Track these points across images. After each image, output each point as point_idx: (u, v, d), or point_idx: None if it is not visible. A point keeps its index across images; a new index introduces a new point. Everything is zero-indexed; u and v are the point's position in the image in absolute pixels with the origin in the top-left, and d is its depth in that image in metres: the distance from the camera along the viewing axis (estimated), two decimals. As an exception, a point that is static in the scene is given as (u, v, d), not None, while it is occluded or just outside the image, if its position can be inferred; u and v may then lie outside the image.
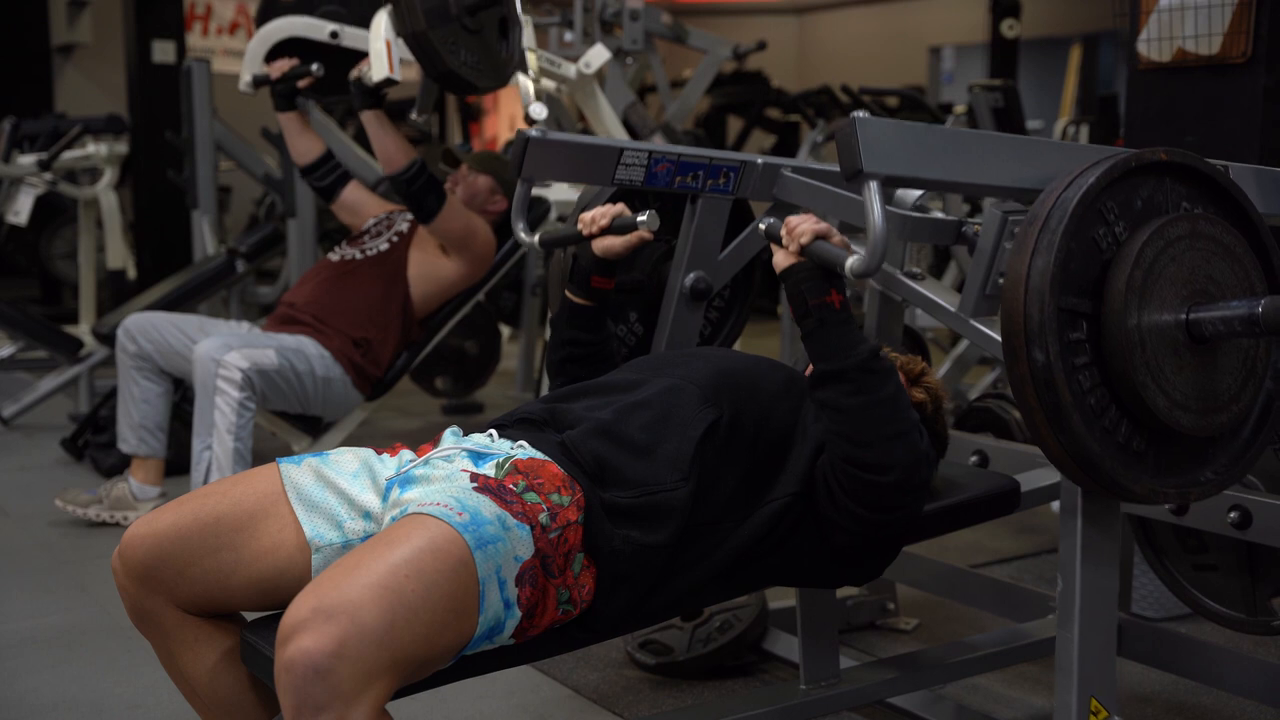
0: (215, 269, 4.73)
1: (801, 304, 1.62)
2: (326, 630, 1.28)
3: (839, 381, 1.59)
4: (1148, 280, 1.53)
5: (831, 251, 1.60)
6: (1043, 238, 1.51)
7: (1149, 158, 1.59)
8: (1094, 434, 1.51)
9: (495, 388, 5.51)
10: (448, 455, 1.59)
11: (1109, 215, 1.55)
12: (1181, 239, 1.56)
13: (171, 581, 1.52)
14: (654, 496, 1.58)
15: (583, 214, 1.97)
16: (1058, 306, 1.49)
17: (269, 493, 1.56)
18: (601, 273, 1.96)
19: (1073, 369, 1.51)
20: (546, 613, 1.49)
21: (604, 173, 2.07)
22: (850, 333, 1.60)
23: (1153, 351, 1.53)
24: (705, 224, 2.17)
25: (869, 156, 1.53)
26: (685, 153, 2.09)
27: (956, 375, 4.46)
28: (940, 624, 2.85)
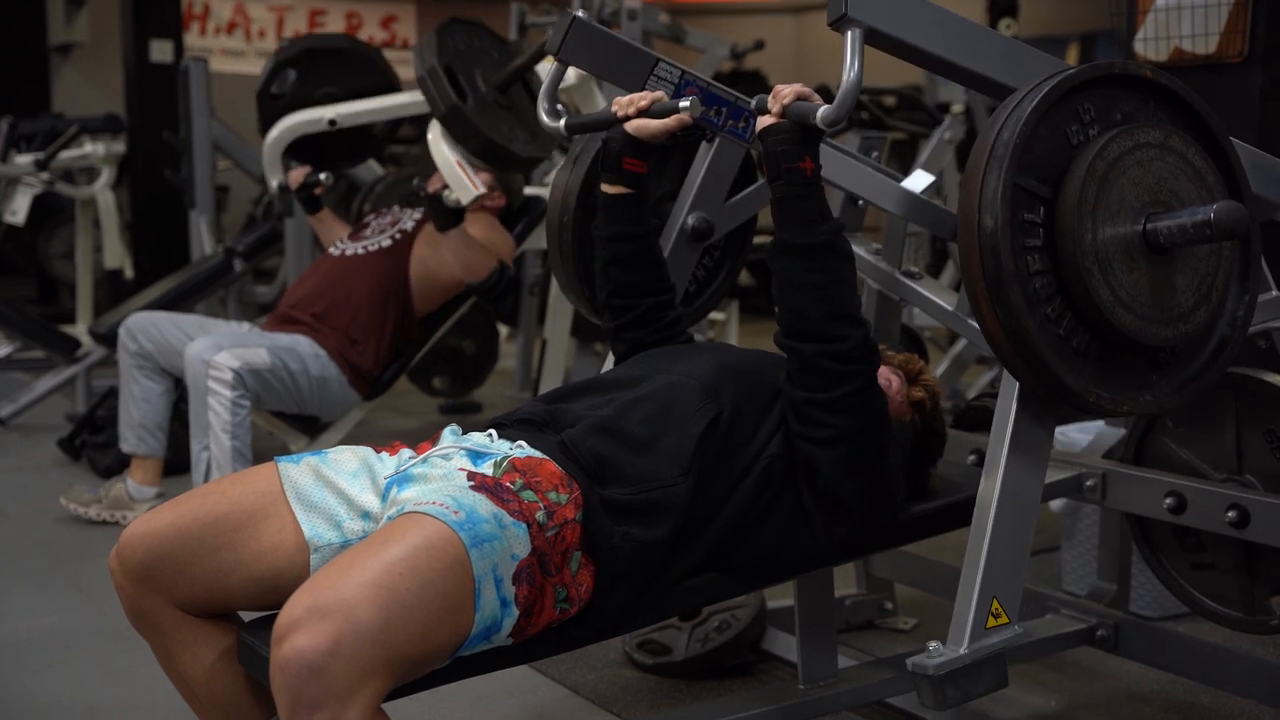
0: (213, 268, 4.73)
1: (775, 165, 1.64)
2: (321, 629, 1.27)
3: (800, 256, 1.61)
4: (1110, 174, 1.53)
5: (807, 107, 1.61)
6: (1013, 115, 1.52)
7: (1132, 70, 1.59)
8: (1034, 317, 1.51)
9: (493, 387, 5.51)
10: (446, 454, 1.59)
11: (1085, 115, 1.56)
12: (1150, 145, 1.56)
13: (170, 581, 1.52)
14: (654, 493, 1.58)
15: (617, 99, 1.90)
16: (1014, 182, 1.49)
17: (268, 492, 1.56)
18: (635, 153, 1.89)
19: (1022, 248, 1.50)
20: (544, 611, 1.49)
21: (636, 77, 2.01)
22: (816, 206, 1.62)
23: (1105, 245, 1.52)
24: (717, 165, 2.17)
25: (855, 3, 1.53)
26: (714, 85, 2.06)
27: (954, 374, 4.46)
28: (938, 623, 2.85)
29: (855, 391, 1.64)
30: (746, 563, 1.71)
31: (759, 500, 1.67)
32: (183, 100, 5.14)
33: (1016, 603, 1.68)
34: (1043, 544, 3.40)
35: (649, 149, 1.90)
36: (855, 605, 2.78)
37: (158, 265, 6.19)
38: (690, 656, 2.51)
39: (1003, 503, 1.66)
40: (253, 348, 3.32)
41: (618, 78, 2.06)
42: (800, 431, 1.67)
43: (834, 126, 1.58)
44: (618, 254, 1.92)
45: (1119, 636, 2.34)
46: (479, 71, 3.30)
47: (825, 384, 1.64)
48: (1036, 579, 3.06)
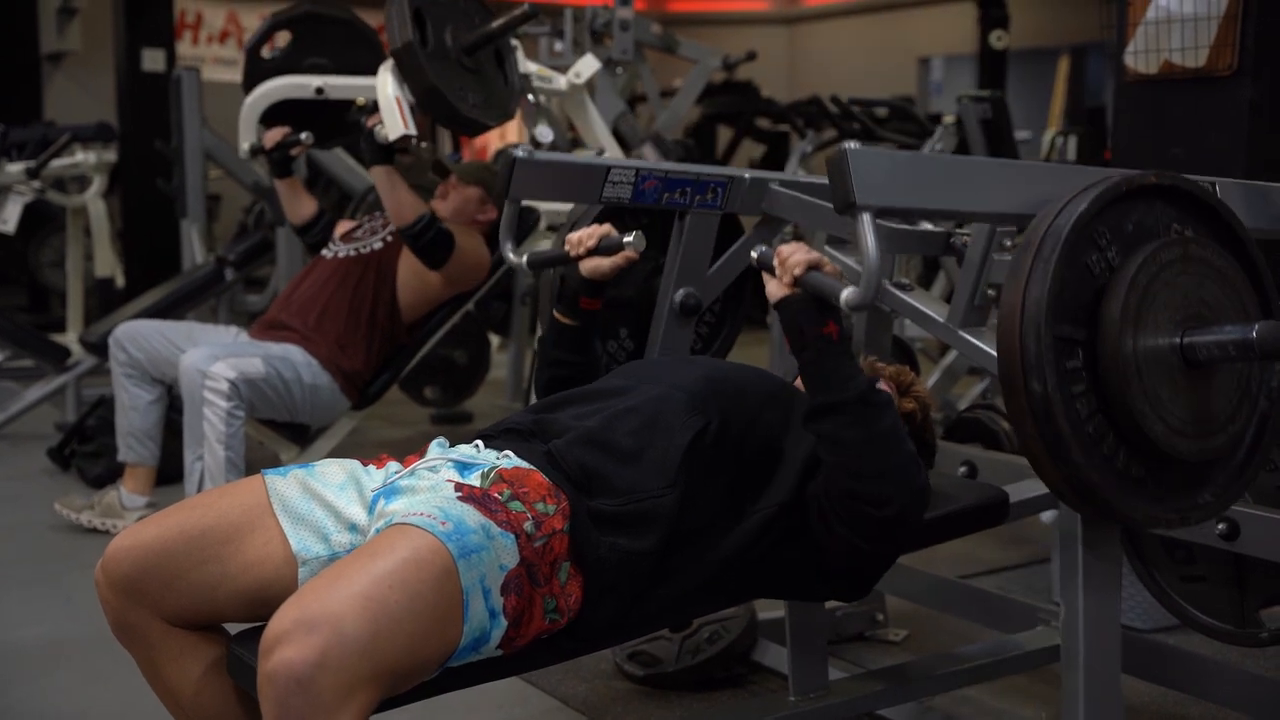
0: (204, 277, 4.71)
1: (798, 336, 1.61)
2: (308, 641, 1.27)
3: (837, 414, 1.58)
4: (1142, 306, 1.54)
5: (826, 283, 1.58)
6: (1037, 267, 1.51)
7: (1140, 181, 1.59)
8: (1093, 463, 1.52)
9: (484, 397, 5.50)
10: (433, 466, 1.59)
11: (1101, 241, 1.56)
12: (1173, 263, 1.57)
13: (156, 594, 1.51)
14: (641, 504, 1.57)
15: (569, 235, 1.96)
16: (1054, 335, 1.50)
17: (255, 505, 1.55)
18: (589, 293, 1.95)
19: (1070, 398, 1.51)
20: (533, 622, 1.49)
21: (591, 191, 2.07)
22: (848, 364, 1.60)
23: (1149, 378, 1.53)
24: (693, 240, 2.17)
25: (861, 189, 1.52)
26: (673, 169, 2.09)
27: (945, 385, 4.46)
28: (929, 635, 2.84)
29: (894, 550, 1.66)
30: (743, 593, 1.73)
31: (762, 540, 1.66)
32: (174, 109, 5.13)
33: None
34: (1033, 556, 3.40)
35: (604, 286, 1.95)
36: (846, 617, 2.78)
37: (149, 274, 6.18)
38: (681, 668, 2.50)
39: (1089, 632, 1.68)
40: (248, 357, 3.31)
41: (573, 197, 2.11)
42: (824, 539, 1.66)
43: (860, 310, 1.56)
44: (558, 375, 1.99)
45: (1109, 648, 2.33)
46: (451, 28, 3.21)
47: (866, 537, 1.62)
48: (1028, 590, 3.06)
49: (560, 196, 2.14)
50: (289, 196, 3.77)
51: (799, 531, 1.68)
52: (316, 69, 3.94)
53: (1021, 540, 3.52)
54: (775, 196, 2.21)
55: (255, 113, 3.83)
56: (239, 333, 3.65)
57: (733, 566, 1.65)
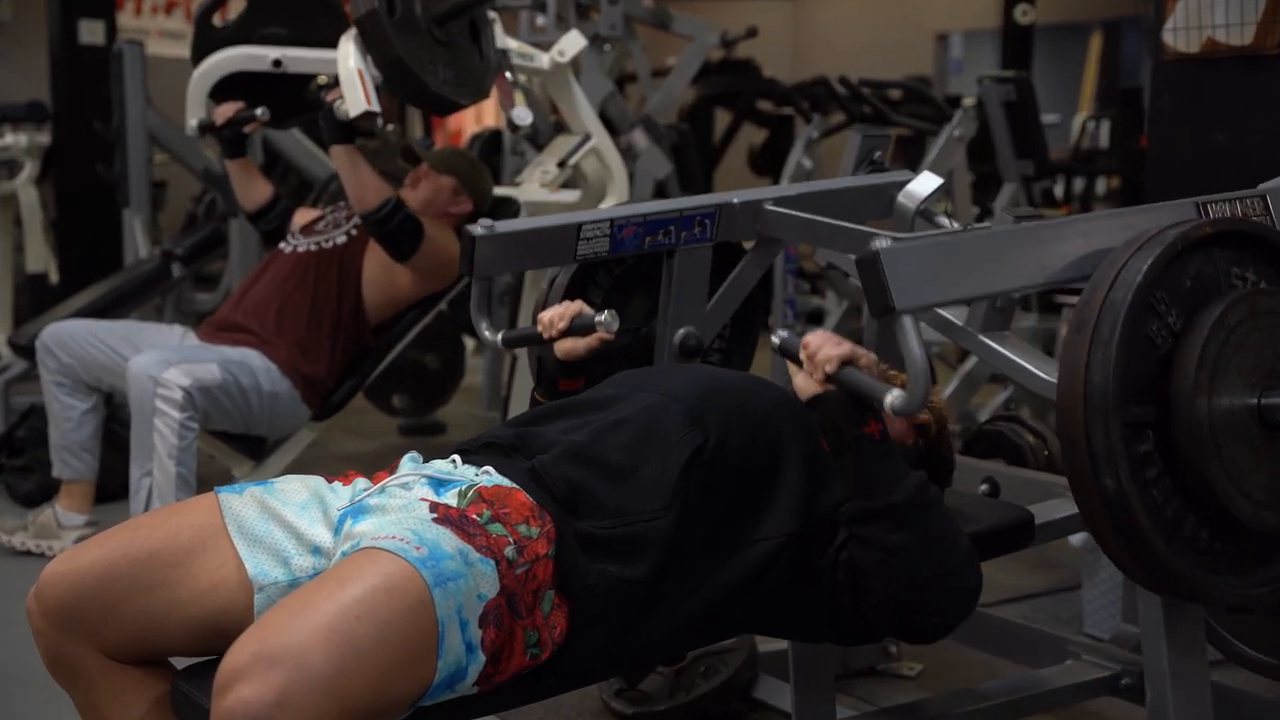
0: (148, 274, 4.70)
1: (837, 437, 1.60)
2: (268, 678, 1.27)
3: (883, 519, 1.59)
4: (1215, 377, 1.56)
5: (866, 384, 1.57)
6: (1096, 351, 1.53)
7: (1195, 235, 1.61)
8: (1176, 551, 1.55)
9: (458, 406, 5.50)
10: (406, 483, 1.59)
11: (1160, 307, 1.58)
12: (1242, 323, 1.59)
13: (96, 625, 1.51)
14: (632, 527, 1.58)
15: (540, 315, 1.99)
16: (1122, 422, 1.51)
17: (207, 525, 1.55)
18: (567, 375, 1.98)
19: (1145, 484, 1.53)
20: (513, 657, 1.49)
21: (564, 252, 2.10)
22: (894, 465, 1.60)
23: (1229, 452, 1.56)
24: (685, 278, 2.18)
25: (899, 292, 1.54)
26: (651, 211, 2.11)
27: (965, 395, 4.48)
28: (947, 669, 2.85)
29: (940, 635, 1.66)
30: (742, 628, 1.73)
31: (767, 574, 1.66)
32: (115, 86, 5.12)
33: None
34: (1062, 583, 3.41)
35: (582, 367, 1.98)
36: (855, 650, 2.78)
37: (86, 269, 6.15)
38: (674, 705, 2.51)
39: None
40: (203, 363, 3.29)
41: (546, 261, 2.14)
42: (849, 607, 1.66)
43: (907, 415, 1.55)
44: None
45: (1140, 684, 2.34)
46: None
47: (908, 636, 1.66)
48: (1055, 621, 3.07)
49: (531, 264, 2.16)
50: (241, 179, 3.76)
51: (808, 568, 1.68)
52: (274, 40, 3.91)
53: (1048, 565, 3.53)
54: (770, 218, 2.21)
55: (205, 86, 3.79)
56: (185, 334, 3.63)
57: (732, 600, 1.65)
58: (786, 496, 1.68)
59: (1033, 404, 4.31)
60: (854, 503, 1.61)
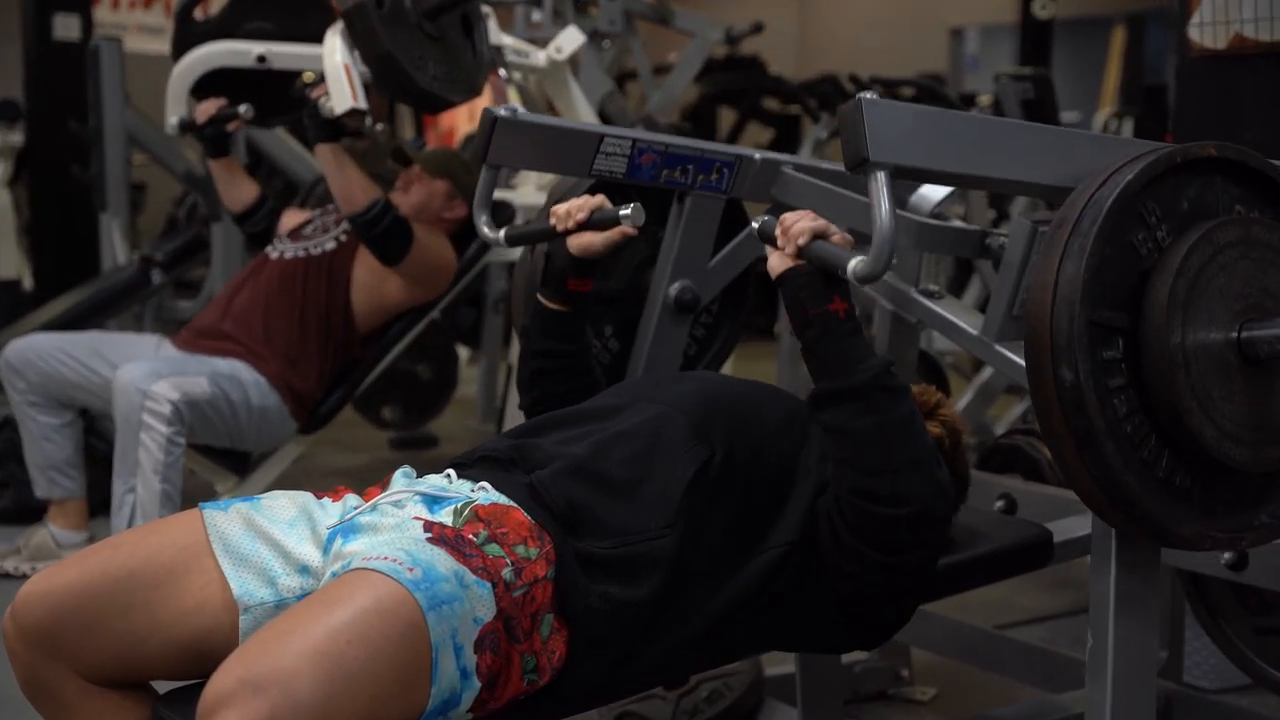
0: (126, 280, 4.70)
1: (801, 313, 1.63)
2: (254, 704, 1.27)
3: (846, 401, 1.60)
4: (1193, 292, 1.54)
5: (832, 252, 1.61)
6: (1073, 241, 1.53)
7: (1196, 153, 1.60)
8: (1130, 466, 1.52)
9: (452, 418, 5.50)
10: (399, 500, 1.60)
11: (1150, 218, 1.57)
12: (1232, 245, 1.58)
13: (74, 647, 1.51)
14: (635, 546, 1.58)
15: (556, 207, 1.94)
16: (1089, 319, 1.51)
17: (191, 544, 1.55)
18: (578, 273, 1.94)
19: (1106, 391, 1.52)
20: (510, 683, 1.49)
21: (581, 162, 2.07)
22: (857, 345, 1.62)
23: (1199, 374, 1.54)
24: (694, 226, 2.18)
25: (876, 144, 1.54)
26: (674, 143, 2.10)
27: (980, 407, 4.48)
28: (962, 694, 2.85)
29: (916, 561, 1.66)
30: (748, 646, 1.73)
31: (771, 584, 1.67)
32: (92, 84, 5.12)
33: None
34: (1080, 603, 3.41)
35: (594, 265, 1.94)
36: (866, 672, 2.79)
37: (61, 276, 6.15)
38: (677, 732, 2.51)
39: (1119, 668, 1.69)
40: (192, 376, 3.29)
41: (560, 167, 2.11)
42: (833, 559, 1.67)
43: (869, 282, 1.58)
44: (545, 368, 1.99)
45: (1171, 711, 2.35)
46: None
47: (883, 545, 1.63)
48: (1075, 643, 3.08)
49: (545, 165, 2.14)
50: (225, 179, 3.77)
51: (812, 572, 1.69)
52: (259, 34, 3.92)
53: (1067, 585, 3.54)
54: (788, 181, 2.22)
55: (186, 83, 3.81)
56: (160, 342, 3.62)
57: (736, 616, 1.66)
58: (793, 507, 1.69)
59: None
60: (818, 385, 1.63)
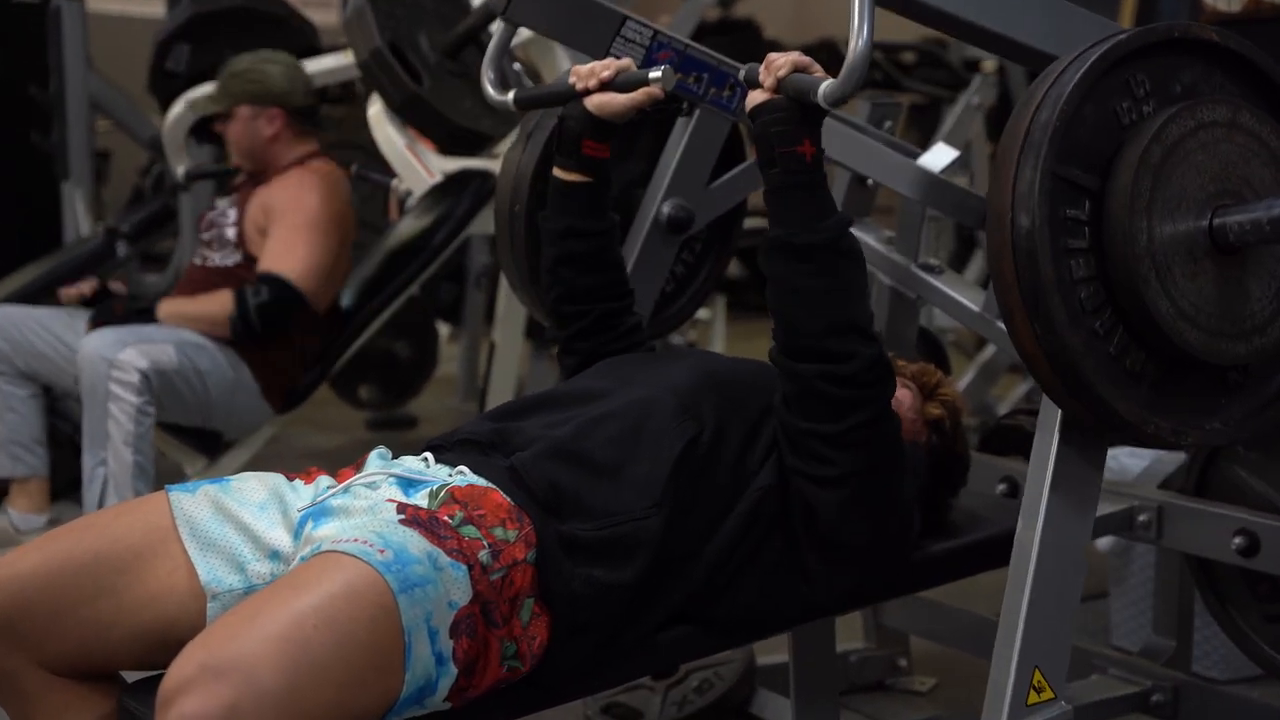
0: (91, 252, 4.69)
1: (767, 149, 1.64)
2: (215, 691, 1.27)
3: (800, 259, 1.62)
4: (1167, 161, 1.54)
5: (806, 79, 1.61)
6: (1052, 90, 1.52)
7: (1194, 32, 1.60)
8: (1079, 333, 1.52)
9: (431, 398, 5.50)
10: (372, 482, 1.60)
11: (1137, 89, 1.57)
12: (1216, 125, 1.57)
13: (36, 636, 1.51)
14: (620, 527, 1.59)
15: (576, 68, 1.90)
16: (1055, 172, 1.50)
17: (157, 527, 1.55)
18: (597, 135, 1.89)
19: (1064, 251, 1.51)
20: (488, 669, 1.50)
21: (599, 39, 2.04)
22: (818, 198, 1.63)
23: (1162, 246, 1.53)
24: (697, 142, 2.18)
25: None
26: (693, 46, 2.08)
27: (982, 386, 4.49)
28: (962, 685, 2.86)
29: (864, 423, 1.65)
30: (730, 615, 1.73)
31: (744, 541, 1.68)
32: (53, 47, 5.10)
33: (1063, 673, 1.69)
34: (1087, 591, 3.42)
35: (613, 129, 1.90)
36: (862, 662, 2.80)
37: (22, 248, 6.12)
38: (665, 724, 2.52)
39: (1044, 553, 1.67)
40: (159, 344, 3.29)
41: (577, 40, 2.09)
42: (797, 466, 1.67)
43: (839, 104, 1.58)
44: (569, 252, 1.93)
45: (1179, 702, 2.36)
46: (423, 34, 3.30)
47: (829, 413, 1.64)
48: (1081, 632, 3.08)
49: (563, 34, 2.09)
50: None
51: (784, 514, 1.70)
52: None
53: (1073, 572, 3.55)
54: None
55: (180, 134, 4.00)
56: None
57: (718, 575, 1.67)
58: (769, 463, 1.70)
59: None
60: (771, 233, 1.64)
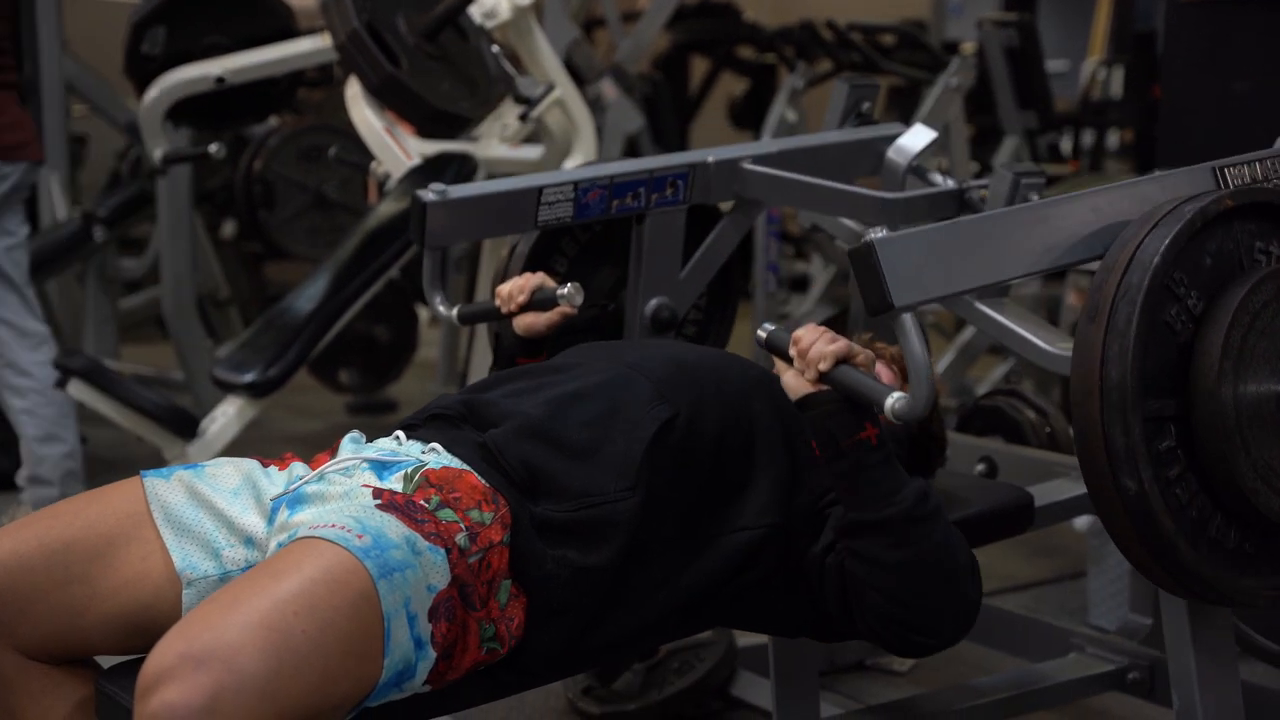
0: (67, 237, 4.66)
1: (832, 444, 1.59)
2: (196, 680, 1.27)
3: (879, 533, 1.59)
4: (1239, 365, 1.57)
5: (865, 385, 1.57)
6: (1111, 342, 1.53)
7: (1215, 210, 1.61)
8: (1202, 553, 1.57)
9: (411, 382, 5.49)
10: (346, 468, 1.59)
11: (1179, 290, 1.58)
12: (1269, 305, 1.60)
13: (11, 621, 1.51)
14: (595, 509, 1.59)
15: (499, 289, 2.00)
16: (1143, 418, 1.52)
17: (131, 513, 1.55)
18: (527, 352, 1.99)
19: (1167, 484, 1.55)
20: (467, 652, 1.50)
21: (524, 218, 2.11)
22: (892, 474, 1.60)
23: (1255, 445, 1.57)
24: (658, 244, 2.20)
25: (898, 287, 1.55)
26: (618, 173, 2.12)
27: (961, 367, 4.50)
28: (941, 664, 2.88)
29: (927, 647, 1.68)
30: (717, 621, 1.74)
31: (747, 569, 1.68)
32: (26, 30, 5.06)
33: None
34: (1064, 569, 3.44)
35: (543, 343, 1.99)
36: (842, 643, 2.80)
37: None
38: (645, 704, 2.52)
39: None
40: None
41: (506, 229, 2.17)
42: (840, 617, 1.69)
43: (910, 422, 1.56)
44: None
45: (1155, 679, 2.37)
46: (401, 17, 3.30)
47: (903, 652, 1.72)
48: (1059, 611, 3.11)
49: (490, 232, 2.20)
50: None
51: (792, 563, 1.69)
52: (216, 49, 4.04)
53: (1050, 551, 3.57)
54: (748, 178, 2.22)
55: (157, 117, 3.98)
56: None
57: (709, 593, 1.66)
58: (769, 483, 1.69)
59: (1035, 377, 4.33)
60: (848, 514, 1.61)
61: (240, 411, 3.61)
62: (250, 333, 3.70)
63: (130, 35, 4.10)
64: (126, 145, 5.70)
